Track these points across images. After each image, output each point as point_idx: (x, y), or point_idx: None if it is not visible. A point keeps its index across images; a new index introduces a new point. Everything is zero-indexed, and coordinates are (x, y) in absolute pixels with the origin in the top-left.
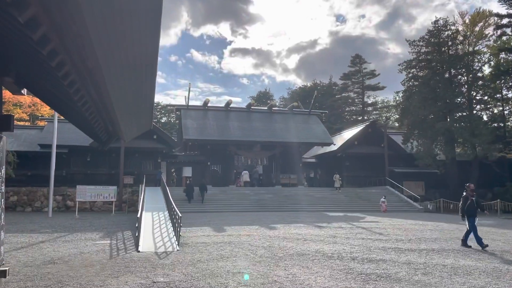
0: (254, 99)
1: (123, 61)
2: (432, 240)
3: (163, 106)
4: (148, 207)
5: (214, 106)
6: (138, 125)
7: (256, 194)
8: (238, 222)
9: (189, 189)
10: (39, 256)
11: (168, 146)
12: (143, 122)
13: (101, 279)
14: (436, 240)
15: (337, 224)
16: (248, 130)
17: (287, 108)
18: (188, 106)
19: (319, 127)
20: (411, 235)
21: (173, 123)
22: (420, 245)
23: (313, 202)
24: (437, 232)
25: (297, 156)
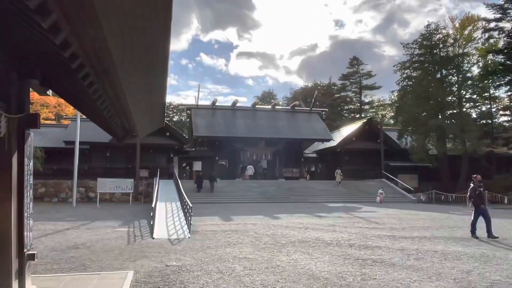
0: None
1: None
2: (424, 228)
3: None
4: (162, 198)
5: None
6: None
7: (261, 186)
8: (244, 212)
9: (199, 180)
10: (64, 241)
11: (180, 142)
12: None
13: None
14: (428, 228)
15: (336, 214)
16: (253, 128)
17: (289, 107)
18: (198, 106)
19: (319, 124)
20: (405, 224)
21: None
22: (413, 233)
23: (314, 194)
24: (429, 221)
25: (299, 151)
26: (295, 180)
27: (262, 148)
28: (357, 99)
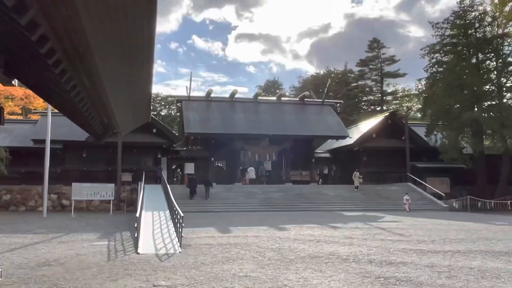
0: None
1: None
2: (458, 241)
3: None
4: (148, 206)
5: (218, 96)
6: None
7: (264, 192)
8: (244, 223)
9: (192, 184)
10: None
11: (169, 141)
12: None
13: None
14: (462, 241)
15: (353, 225)
16: (255, 123)
17: (298, 98)
18: (190, 97)
19: (333, 118)
20: (434, 235)
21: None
22: (445, 246)
23: (327, 200)
24: (463, 233)
25: (309, 150)
26: (305, 184)
27: (265, 147)
28: (377, 89)
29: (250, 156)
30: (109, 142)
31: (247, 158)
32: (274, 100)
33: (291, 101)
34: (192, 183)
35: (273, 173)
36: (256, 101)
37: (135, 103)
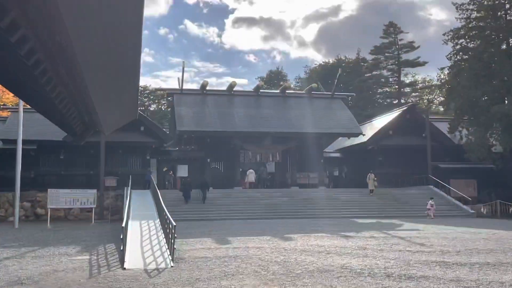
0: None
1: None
2: (487, 251)
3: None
4: (136, 215)
5: (214, 89)
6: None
7: (267, 197)
8: (245, 232)
9: (186, 187)
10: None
11: (159, 140)
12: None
13: None
14: (491, 251)
15: (368, 233)
16: (256, 119)
17: (304, 91)
18: (182, 90)
19: (344, 113)
20: (460, 245)
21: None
22: (472, 258)
23: (338, 206)
24: (493, 242)
25: (317, 150)
26: (313, 188)
27: (268, 146)
28: (394, 80)
29: (251, 157)
30: (90, 142)
31: (248, 159)
32: (278, 93)
33: (297, 94)
34: (186, 186)
35: (277, 176)
36: (257, 95)
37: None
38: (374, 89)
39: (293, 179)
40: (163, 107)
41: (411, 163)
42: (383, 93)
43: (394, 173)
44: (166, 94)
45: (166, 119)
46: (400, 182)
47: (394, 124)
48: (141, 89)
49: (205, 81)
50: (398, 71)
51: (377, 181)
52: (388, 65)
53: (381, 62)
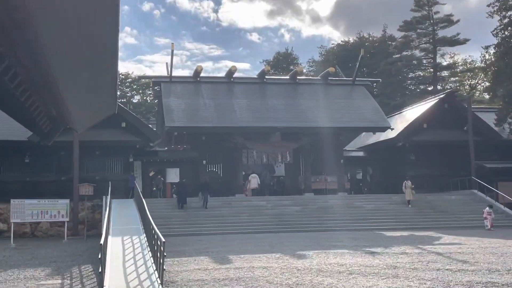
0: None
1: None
2: None
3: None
4: (117, 230)
5: (210, 76)
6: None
7: (275, 206)
8: (249, 249)
9: (181, 190)
10: None
11: (144, 139)
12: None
13: None
14: None
15: (398, 249)
16: (261, 111)
17: (319, 77)
18: (172, 78)
19: (368, 103)
20: (511, 262)
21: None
22: None
23: (362, 216)
24: None
25: (336, 148)
26: (331, 194)
27: (276, 144)
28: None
29: (256, 158)
30: (61, 142)
31: (252, 160)
32: (287, 80)
33: (310, 80)
34: (181, 189)
35: (287, 180)
36: (262, 82)
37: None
38: (404, 73)
39: (307, 184)
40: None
41: (450, 162)
42: (415, 78)
43: (429, 175)
44: (152, 82)
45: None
46: (436, 185)
47: (429, 116)
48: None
49: (199, 67)
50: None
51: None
52: (421, 44)
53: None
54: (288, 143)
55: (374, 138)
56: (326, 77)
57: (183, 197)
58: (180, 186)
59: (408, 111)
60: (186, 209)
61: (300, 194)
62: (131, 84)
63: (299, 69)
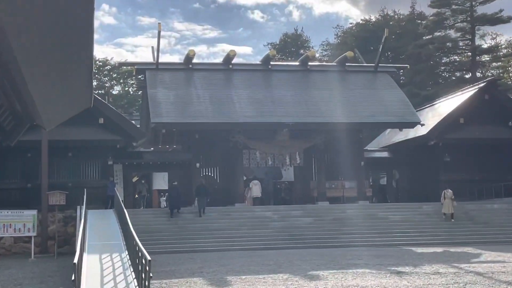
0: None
1: None
2: None
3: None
4: (94, 246)
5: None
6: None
7: (283, 217)
8: (252, 268)
9: (173, 194)
10: None
11: (125, 137)
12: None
13: None
14: None
15: (430, 268)
16: (266, 104)
17: (335, 62)
18: (158, 65)
19: (394, 94)
20: None
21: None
22: None
23: (387, 229)
24: None
25: (355, 148)
26: (350, 203)
27: (284, 143)
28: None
29: (259, 160)
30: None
31: (254, 162)
32: (297, 67)
33: (325, 67)
34: (173, 193)
35: (297, 186)
36: (267, 69)
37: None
38: (436, 58)
39: (320, 191)
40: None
41: (491, 165)
42: (450, 63)
43: (467, 180)
44: (135, 70)
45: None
46: (476, 193)
47: (466, 109)
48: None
49: (191, 51)
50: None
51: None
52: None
53: (446, 18)
54: (298, 142)
55: (401, 136)
56: (343, 63)
57: (176, 203)
58: (172, 190)
59: (441, 103)
60: (178, 216)
61: (312, 203)
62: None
63: (310, 53)
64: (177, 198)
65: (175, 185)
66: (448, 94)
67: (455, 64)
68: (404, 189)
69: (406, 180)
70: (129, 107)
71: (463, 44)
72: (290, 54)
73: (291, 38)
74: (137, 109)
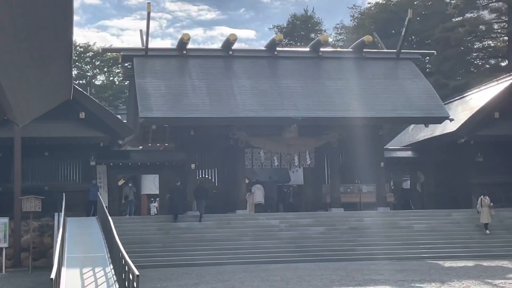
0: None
1: None
2: None
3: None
4: (74, 259)
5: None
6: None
7: (291, 226)
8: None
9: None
10: None
11: (110, 134)
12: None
13: None
14: None
15: (460, 285)
16: (271, 96)
17: (351, 48)
18: (148, 51)
19: (418, 84)
20: None
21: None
22: None
23: (410, 239)
24: None
25: (374, 146)
26: (368, 210)
27: (292, 141)
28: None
29: (264, 160)
30: None
31: (258, 163)
32: (307, 53)
33: (339, 53)
34: (176, 194)
35: (307, 191)
36: (272, 55)
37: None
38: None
39: (334, 196)
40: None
41: None
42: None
43: (502, 183)
44: (121, 57)
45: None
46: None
47: (502, 101)
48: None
49: (185, 35)
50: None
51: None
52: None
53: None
54: (309, 140)
55: (426, 133)
56: (360, 48)
57: (179, 206)
58: (175, 191)
59: (473, 95)
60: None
61: (325, 210)
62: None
63: (323, 38)
64: (181, 201)
65: (179, 185)
66: (481, 85)
67: (489, 50)
68: (430, 193)
69: (432, 183)
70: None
71: (499, 27)
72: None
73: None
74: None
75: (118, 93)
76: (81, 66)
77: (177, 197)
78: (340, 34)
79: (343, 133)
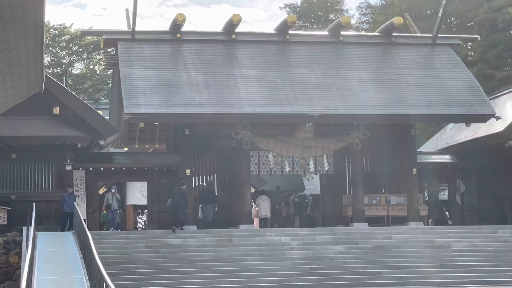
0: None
1: None
2: None
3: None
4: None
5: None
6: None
7: (305, 244)
8: None
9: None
10: None
11: (90, 133)
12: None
13: None
14: None
15: None
16: (282, 89)
17: (377, 32)
18: (135, 34)
19: (458, 76)
20: None
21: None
22: None
23: (448, 261)
24: None
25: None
26: (397, 226)
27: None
28: None
29: (273, 165)
30: None
31: (266, 168)
32: (325, 37)
33: (363, 38)
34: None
35: (325, 202)
36: (283, 40)
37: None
38: None
39: (357, 208)
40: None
41: None
42: None
43: None
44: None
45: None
46: None
47: None
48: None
49: (179, 15)
50: None
51: None
52: None
53: None
54: (327, 142)
55: (468, 134)
56: (389, 32)
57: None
58: (178, 195)
59: None
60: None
61: (345, 225)
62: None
63: (344, 19)
64: (184, 207)
65: (183, 188)
66: None
67: None
68: (472, 206)
69: (474, 194)
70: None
71: None
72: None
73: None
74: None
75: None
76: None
77: (180, 202)
78: (365, 15)
79: (367, 134)
